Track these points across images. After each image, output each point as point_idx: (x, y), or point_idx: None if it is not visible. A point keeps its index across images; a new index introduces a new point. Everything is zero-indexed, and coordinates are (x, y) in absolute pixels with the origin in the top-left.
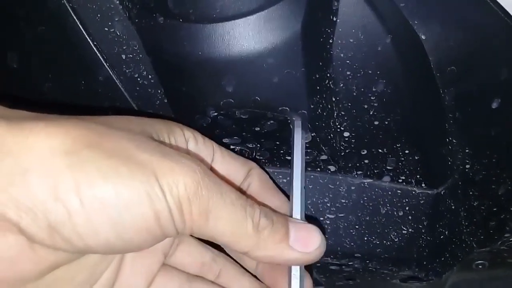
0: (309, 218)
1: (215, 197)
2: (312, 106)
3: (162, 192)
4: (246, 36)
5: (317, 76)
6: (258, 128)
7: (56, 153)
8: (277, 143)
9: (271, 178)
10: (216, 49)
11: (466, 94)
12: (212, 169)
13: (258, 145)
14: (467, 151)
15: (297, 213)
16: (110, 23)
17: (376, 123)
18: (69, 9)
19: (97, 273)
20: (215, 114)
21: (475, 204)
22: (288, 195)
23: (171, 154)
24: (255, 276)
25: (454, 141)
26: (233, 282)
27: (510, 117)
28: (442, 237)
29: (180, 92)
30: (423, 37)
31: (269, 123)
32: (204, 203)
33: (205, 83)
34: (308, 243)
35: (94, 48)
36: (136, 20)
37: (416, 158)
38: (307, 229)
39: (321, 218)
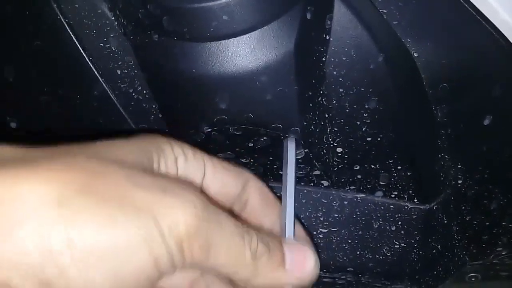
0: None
1: (215, 229)
2: (305, 123)
3: (161, 235)
4: (239, 55)
5: (310, 93)
6: (252, 144)
7: (46, 203)
8: (271, 158)
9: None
10: (210, 67)
11: (458, 111)
12: (203, 187)
13: (251, 160)
14: (459, 166)
15: (289, 232)
16: (105, 39)
17: (368, 139)
18: (65, 24)
19: None
20: (209, 130)
21: (467, 219)
22: None
23: (169, 188)
24: None
25: (447, 157)
26: None
27: (501, 133)
28: (434, 251)
29: (174, 108)
30: (415, 55)
31: (262, 139)
32: (205, 238)
33: (198, 100)
34: (304, 266)
35: (90, 63)
36: (131, 37)
37: (408, 173)
38: (301, 251)
39: (314, 232)
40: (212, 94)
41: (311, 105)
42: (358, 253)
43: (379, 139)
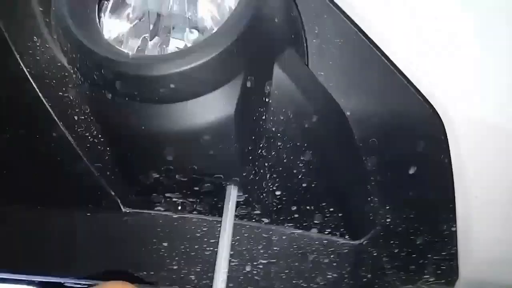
0: None
1: None
2: (244, 174)
3: None
4: (184, 116)
5: (250, 148)
6: (197, 188)
7: None
8: (215, 199)
9: None
10: (158, 125)
11: (386, 161)
12: None
13: (197, 200)
14: (387, 208)
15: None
16: (64, 89)
17: (304, 185)
18: (27, 74)
19: None
20: (157, 176)
21: (396, 252)
22: None
23: None
24: None
25: (376, 199)
26: None
27: (425, 181)
28: (365, 280)
29: (124, 156)
30: (348, 113)
31: (206, 185)
32: None
33: (147, 151)
34: None
35: (49, 109)
36: (87, 92)
37: (339, 215)
38: None
39: (255, 263)
40: (160, 148)
41: (251, 157)
42: (294, 282)
43: (313, 185)
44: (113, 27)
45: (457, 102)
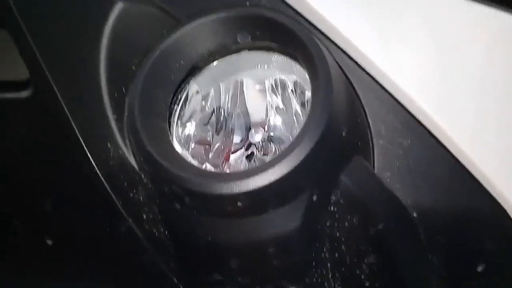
0: None
1: None
2: (307, 279)
3: None
4: (250, 230)
5: (313, 254)
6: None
7: None
8: None
9: None
10: (224, 237)
11: (453, 258)
12: None
13: None
14: None
15: None
16: (134, 190)
17: (367, 284)
18: (100, 176)
19: None
20: (220, 278)
21: None
22: None
23: None
24: None
25: None
26: None
27: (494, 279)
28: None
29: (190, 257)
30: (415, 215)
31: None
32: None
33: (212, 258)
34: None
35: (120, 207)
36: (157, 200)
37: None
38: None
39: None
40: (225, 256)
41: (314, 262)
42: None
43: (377, 285)
44: (181, 129)
45: None
